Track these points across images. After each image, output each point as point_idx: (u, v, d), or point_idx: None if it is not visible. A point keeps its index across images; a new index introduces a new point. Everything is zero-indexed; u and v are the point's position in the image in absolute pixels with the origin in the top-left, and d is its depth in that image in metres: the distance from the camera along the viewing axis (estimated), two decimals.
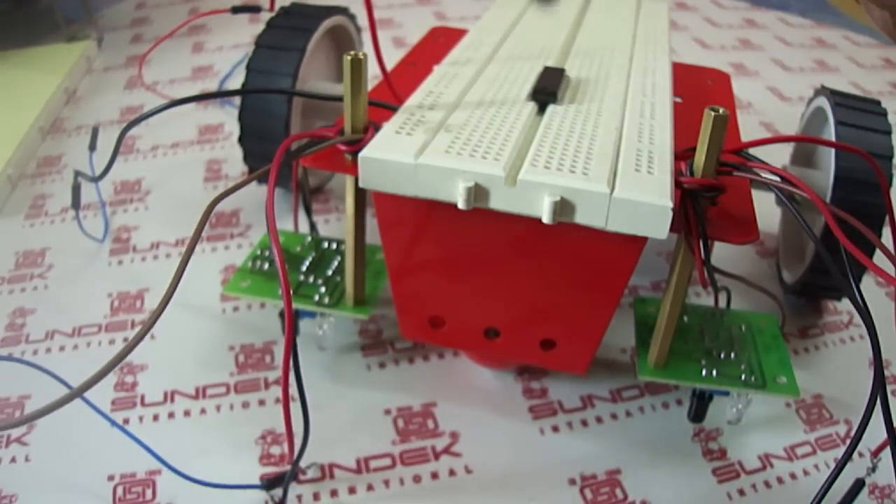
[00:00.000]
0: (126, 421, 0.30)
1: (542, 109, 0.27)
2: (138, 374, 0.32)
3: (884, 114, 0.33)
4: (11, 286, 0.37)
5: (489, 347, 0.28)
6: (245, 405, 0.30)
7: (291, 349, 0.23)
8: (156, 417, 0.30)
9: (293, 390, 0.24)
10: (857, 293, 0.23)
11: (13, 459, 0.28)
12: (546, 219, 0.22)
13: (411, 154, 0.23)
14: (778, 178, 0.25)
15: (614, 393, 0.32)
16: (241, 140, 0.38)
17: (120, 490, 0.27)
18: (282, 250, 0.24)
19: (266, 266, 0.33)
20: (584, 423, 0.30)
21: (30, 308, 0.35)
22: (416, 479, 0.28)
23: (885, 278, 0.21)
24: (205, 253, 0.39)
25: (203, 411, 0.30)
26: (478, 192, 0.23)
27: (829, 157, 0.33)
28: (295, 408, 0.24)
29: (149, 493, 0.27)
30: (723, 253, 0.39)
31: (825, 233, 0.30)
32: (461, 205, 0.23)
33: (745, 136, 0.34)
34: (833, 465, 0.24)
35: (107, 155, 0.34)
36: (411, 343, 0.34)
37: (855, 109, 0.33)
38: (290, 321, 0.22)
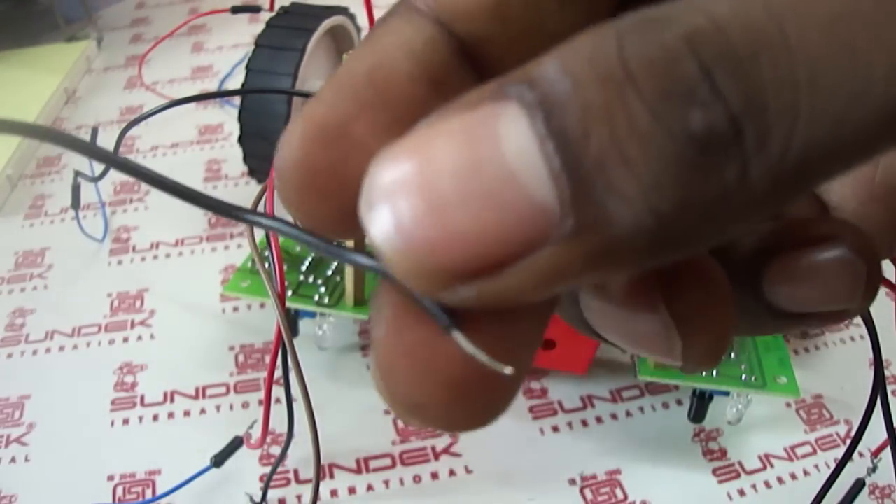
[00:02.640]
0: (126, 421, 0.30)
1: None
2: (138, 374, 0.32)
3: None
4: (11, 286, 0.36)
5: None
6: (245, 405, 0.30)
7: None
8: (156, 417, 0.30)
9: (293, 391, 0.24)
10: None
11: (13, 459, 0.28)
12: None
13: None
14: None
15: (614, 393, 0.32)
16: (241, 140, 0.38)
17: (120, 490, 0.27)
18: (281, 250, 0.24)
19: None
20: (584, 423, 0.30)
21: (29, 308, 0.35)
22: (416, 479, 0.28)
23: (884, 284, 0.21)
24: (205, 253, 0.39)
25: (203, 411, 0.30)
26: None
27: None
28: (297, 407, 0.24)
29: (148, 492, 0.27)
30: None
31: None
32: None
33: None
34: (833, 466, 0.24)
35: None
36: None
37: None
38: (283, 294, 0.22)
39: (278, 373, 0.25)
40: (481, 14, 0.10)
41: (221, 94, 0.33)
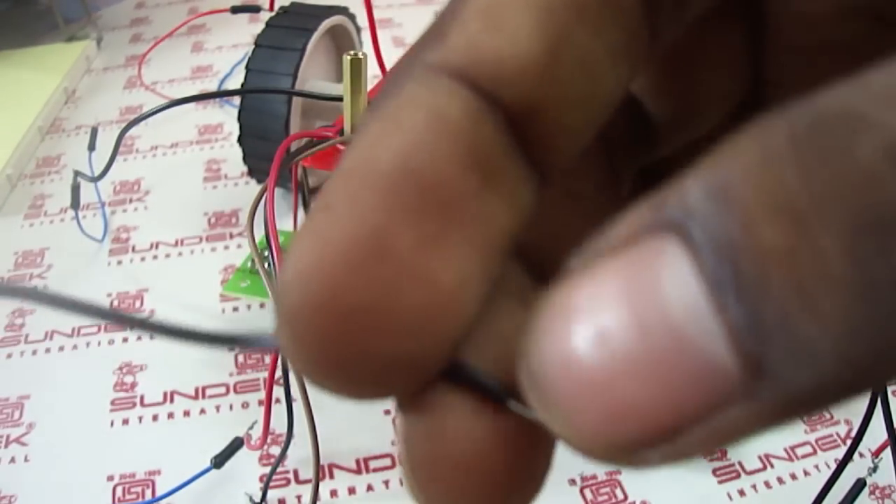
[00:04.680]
0: (126, 421, 0.30)
1: None
2: (138, 375, 0.32)
3: None
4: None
5: None
6: (245, 405, 0.30)
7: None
8: (155, 417, 0.30)
9: (293, 391, 0.24)
10: None
11: (13, 459, 0.28)
12: None
13: None
14: None
15: None
16: (240, 140, 0.38)
17: (120, 490, 0.27)
18: (281, 250, 0.24)
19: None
20: None
21: (29, 308, 0.35)
22: None
23: None
24: (204, 253, 0.39)
25: (203, 411, 0.30)
26: None
27: None
28: (297, 407, 0.24)
29: (148, 493, 0.27)
30: None
31: None
32: None
33: None
34: (834, 466, 0.24)
35: (106, 155, 0.34)
36: None
37: None
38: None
39: (278, 373, 0.25)
40: (533, 72, 0.08)
41: (221, 94, 0.33)
